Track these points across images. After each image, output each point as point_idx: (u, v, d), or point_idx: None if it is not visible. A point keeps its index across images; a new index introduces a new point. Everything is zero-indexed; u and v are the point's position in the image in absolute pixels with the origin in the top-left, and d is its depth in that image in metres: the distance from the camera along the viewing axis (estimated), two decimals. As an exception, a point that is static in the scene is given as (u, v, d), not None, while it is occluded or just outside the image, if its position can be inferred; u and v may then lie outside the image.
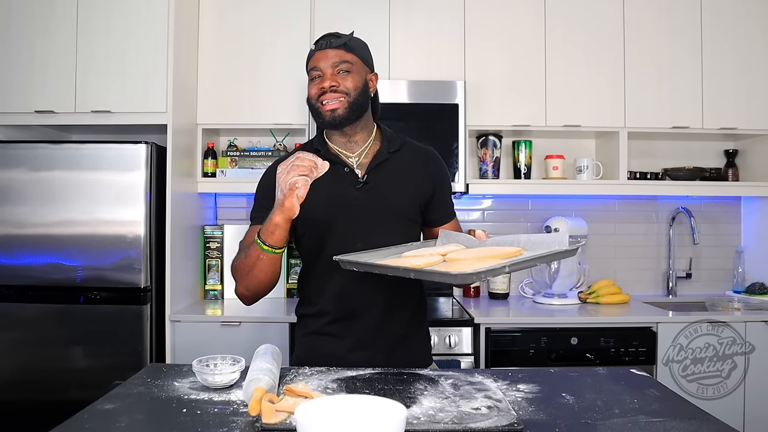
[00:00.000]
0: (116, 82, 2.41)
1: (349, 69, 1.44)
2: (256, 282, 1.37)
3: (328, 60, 1.43)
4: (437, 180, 1.56)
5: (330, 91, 1.42)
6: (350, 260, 1.22)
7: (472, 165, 2.90)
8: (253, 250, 1.33)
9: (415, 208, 1.52)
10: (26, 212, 2.30)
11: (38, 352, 2.28)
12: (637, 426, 1.01)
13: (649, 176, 2.90)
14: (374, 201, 1.45)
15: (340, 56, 1.43)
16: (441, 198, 1.57)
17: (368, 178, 1.46)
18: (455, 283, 1.07)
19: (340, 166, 1.47)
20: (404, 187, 1.49)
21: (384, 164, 1.48)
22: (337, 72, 1.43)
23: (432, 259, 1.22)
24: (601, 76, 2.73)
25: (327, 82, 1.42)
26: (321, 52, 1.44)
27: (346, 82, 1.43)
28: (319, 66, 1.44)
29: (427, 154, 1.58)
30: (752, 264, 2.97)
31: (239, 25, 2.69)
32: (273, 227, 1.28)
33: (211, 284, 2.76)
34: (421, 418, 1.00)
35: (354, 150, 1.50)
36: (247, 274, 1.36)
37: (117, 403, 1.10)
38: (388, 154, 1.49)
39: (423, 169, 1.54)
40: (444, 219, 1.59)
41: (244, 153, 2.82)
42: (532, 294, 2.87)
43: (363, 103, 1.46)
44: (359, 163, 1.49)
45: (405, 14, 2.70)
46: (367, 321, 1.45)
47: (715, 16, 2.75)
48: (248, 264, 1.35)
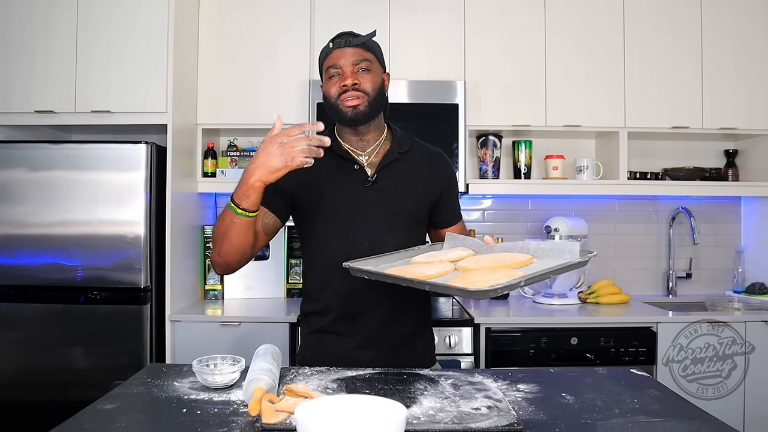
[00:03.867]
0: (116, 82, 2.41)
1: (368, 68, 1.44)
2: (228, 246, 1.33)
3: (348, 58, 1.42)
4: (445, 182, 1.56)
5: (352, 89, 1.42)
6: (361, 268, 1.21)
7: (472, 165, 2.90)
8: (226, 214, 1.30)
9: (423, 209, 1.52)
10: (26, 212, 2.30)
11: (38, 352, 2.28)
12: (637, 426, 1.01)
13: (649, 176, 2.90)
14: (382, 200, 1.45)
15: (360, 54, 1.43)
16: (448, 200, 1.57)
17: (378, 178, 1.46)
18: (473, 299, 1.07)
19: (350, 164, 1.47)
20: (413, 187, 1.49)
21: (394, 164, 1.48)
22: (357, 70, 1.43)
23: (443, 267, 1.21)
24: (601, 76, 2.73)
25: (349, 80, 1.41)
26: (340, 51, 1.43)
27: (366, 81, 1.43)
28: (339, 64, 1.43)
29: (436, 156, 1.58)
30: (752, 264, 2.97)
31: (239, 25, 2.69)
32: (248, 189, 1.25)
33: (211, 284, 2.76)
34: (421, 418, 1.00)
35: (365, 149, 1.49)
36: (221, 238, 1.34)
37: (117, 403, 1.10)
38: (398, 155, 1.49)
39: (432, 171, 1.54)
40: (451, 221, 1.59)
41: (244, 153, 2.82)
42: (532, 294, 2.86)
43: (381, 101, 1.47)
44: (369, 162, 1.48)
45: (405, 14, 2.70)
46: (373, 320, 1.45)
47: (715, 16, 2.75)
48: (221, 229, 1.33)
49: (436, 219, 1.57)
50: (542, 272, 1.15)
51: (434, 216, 1.56)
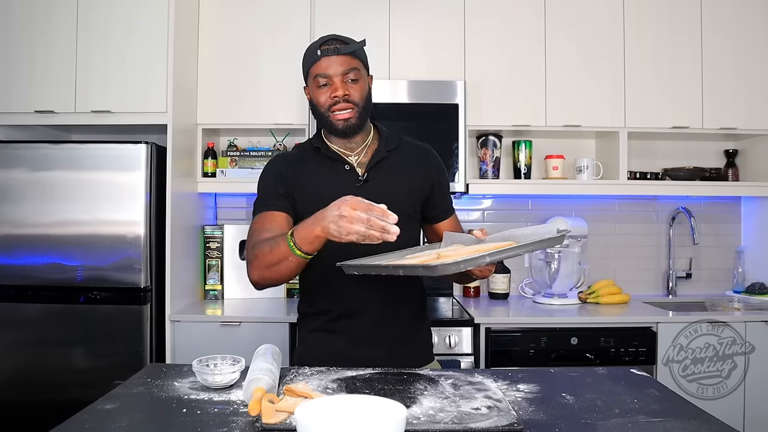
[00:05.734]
0: (116, 82, 2.41)
1: (356, 77, 1.44)
2: (277, 276, 1.35)
3: (338, 68, 1.41)
4: (435, 176, 1.57)
5: (342, 101, 1.41)
6: (351, 264, 1.22)
7: (472, 165, 2.89)
8: (282, 250, 1.29)
9: (415, 204, 1.53)
10: (26, 212, 2.30)
11: (38, 352, 2.28)
12: (637, 426, 1.01)
13: (649, 176, 2.90)
14: (374, 198, 1.44)
15: (348, 63, 1.42)
16: (440, 194, 1.58)
17: (368, 177, 1.47)
18: (435, 275, 1.07)
19: (340, 164, 1.49)
20: (403, 184, 1.50)
21: (382, 162, 1.49)
22: (345, 80, 1.42)
23: (427, 257, 1.23)
24: (601, 75, 2.73)
25: (340, 92, 1.41)
26: (328, 59, 1.41)
27: (355, 91, 1.43)
28: (328, 73, 1.41)
29: (424, 152, 1.59)
30: (752, 264, 2.97)
31: (239, 24, 2.69)
32: (313, 238, 1.23)
33: (211, 284, 2.76)
34: (421, 418, 1.00)
35: (353, 149, 1.51)
36: (269, 267, 1.33)
37: (117, 403, 1.10)
38: (387, 152, 1.50)
39: (421, 166, 1.55)
40: (443, 215, 1.59)
41: (244, 153, 2.82)
42: (532, 294, 2.86)
43: (369, 109, 1.49)
44: (359, 162, 1.50)
45: (405, 14, 2.70)
46: (368, 318, 1.46)
47: (714, 16, 2.74)
48: (273, 259, 1.32)
49: (428, 214, 1.57)
50: (509, 248, 1.18)
51: (426, 211, 1.57)
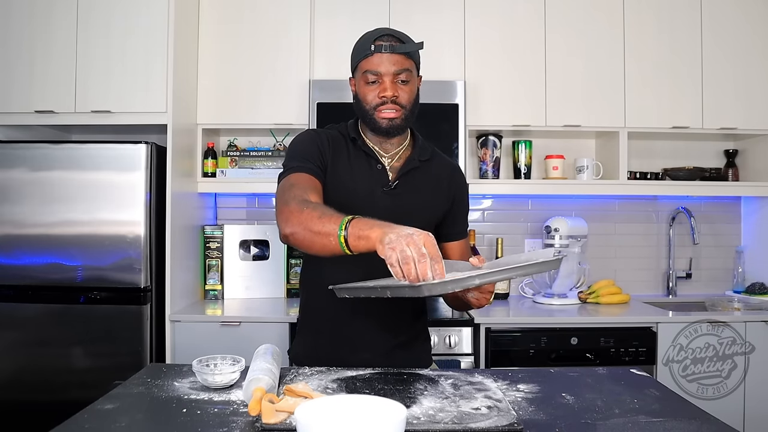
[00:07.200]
0: (116, 82, 2.41)
1: (408, 78, 1.39)
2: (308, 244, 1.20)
3: (390, 67, 1.37)
4: (458, 196, 1.54)
5: (390, 101, 1.38)
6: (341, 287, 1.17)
7: (472, 165, 2.89)
8: (331, 225, 1.15)
9: (433, 220, 1.49)
10: (26, 212, 2.30)
11: (38, 352, 2.28)
12: (637, 426, 1.01)
13: (649, 176, 2.90)
14: (397, 206, 1.42)
15: (401, 64, 1.38)
16: (458, 215, 1.55)
17: (397, 184, 1.44)
18: (421, 295, 1.00)
19: (373, 161, 1.45)
20: (427, 199, 1.47)
21: (413, 172, 1.46)
22: (396, 80, 1.38)
23: None
24: (601, 75, 2.73)
25: (389, 92, 1.37)
26: (380, 56, 1.36)
27: (405, 93, 1.39)
28: (379, 71, 1.37)
29: (452, 169, 1.56)
30: (752, 264, 2.97)
31: (239, 24, 2.69)
32: (365, 238, 1.10)
33: (211, 284, 2.76)
34: (421, 418, 1.00)
35: (388, 150, 1.47)
36: (310, 231, 1.18)
37: (117, 403, 1.10)
38: (419, 162, 1.47)
39: (447, 184, 1.52)
40: (456, 236, 1.55)
41: (244, 153, 2.82)
42: (532, 294, 2.87)
43: (415, 112, 1.45)
44: (390, 166, 1.46)
45: (405, 14, 2.69)
46: (367, 322, 1.45)
47: (714, 16, 2.74)
48: (318, 227, 1.17)
49: (441, 231, 1.53)
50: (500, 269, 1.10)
51: (440, 228, 1.53)
